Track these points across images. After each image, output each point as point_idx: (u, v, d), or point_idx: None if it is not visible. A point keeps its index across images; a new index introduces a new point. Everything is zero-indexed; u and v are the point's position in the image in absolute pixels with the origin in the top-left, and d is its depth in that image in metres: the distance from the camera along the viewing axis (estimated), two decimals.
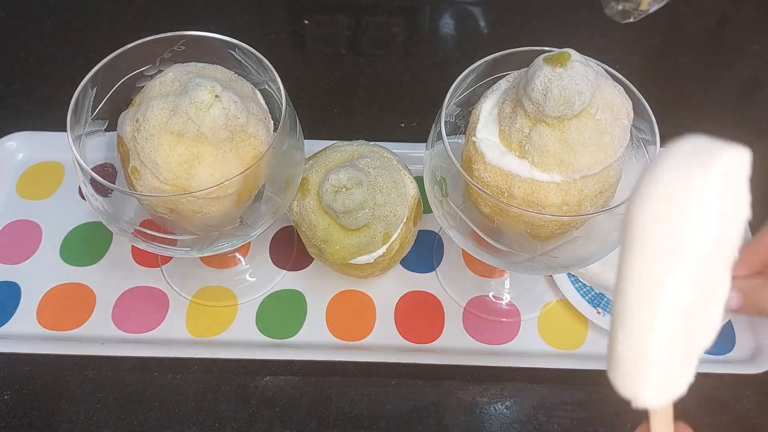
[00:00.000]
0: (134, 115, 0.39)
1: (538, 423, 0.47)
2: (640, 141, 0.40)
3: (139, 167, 0.39)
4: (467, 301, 0.52)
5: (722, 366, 0.48)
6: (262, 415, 0.46)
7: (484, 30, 0.72)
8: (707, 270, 0.22)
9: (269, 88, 0.44)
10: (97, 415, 0.46)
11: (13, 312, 0.51)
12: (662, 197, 0.21)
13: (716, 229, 0.22)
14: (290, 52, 0.70)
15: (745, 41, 0.72)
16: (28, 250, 0.54)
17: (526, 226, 0.38)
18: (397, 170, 0.47)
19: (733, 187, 0.22)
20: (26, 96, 0.65)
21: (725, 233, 0.22)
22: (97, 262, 0.53)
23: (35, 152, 0.59)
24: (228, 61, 0.43)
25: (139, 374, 0.48)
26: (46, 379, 0.48)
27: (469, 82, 0.41)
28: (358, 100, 0.66)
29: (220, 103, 0.37)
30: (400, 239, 0.46)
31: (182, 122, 0.37)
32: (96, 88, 0.41)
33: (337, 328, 0.50)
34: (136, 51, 0.42)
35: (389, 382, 0.48)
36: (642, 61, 0.69)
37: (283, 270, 0.53)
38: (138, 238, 0.42)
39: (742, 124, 0.65)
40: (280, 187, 0.43)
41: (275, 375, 0.48)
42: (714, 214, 0.21)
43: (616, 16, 0.72)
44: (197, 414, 0.46)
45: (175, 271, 0.53)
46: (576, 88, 0.34)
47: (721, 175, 0.21)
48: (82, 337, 0.49)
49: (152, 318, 0.51)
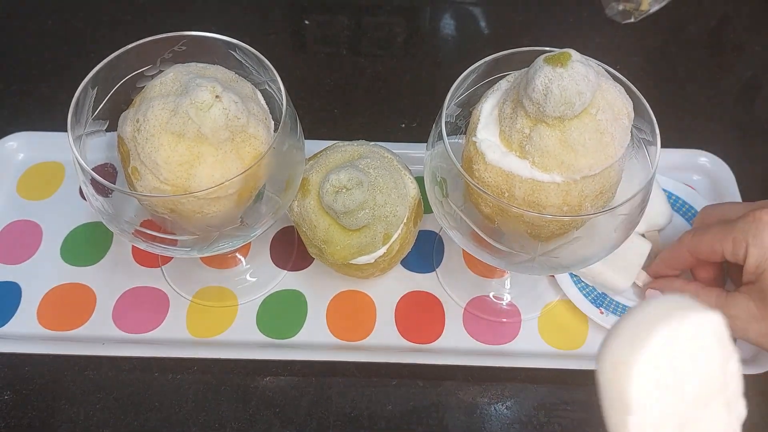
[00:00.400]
0: (135, 116, 0.39)
1: (539, 423, 0.47)
2: (641, 141, 0.40)
3: (139, 167, 0.39)
4: (468, 301, 0.52)
5: None
6: (263, 415, 0.46)
7: (485, 30, 0.72)
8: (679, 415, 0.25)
9: (270, 89, 0.44)
10: (97, 415, 0.46)
11: (13, 312, 0.51)
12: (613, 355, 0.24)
13: (678, 381, 0.24)
14: (291, 53, 0.70)
15: (745, 41, 0.72)
16: (28, 250, 0.54)
17: (526, 226, 0.38)
18: (397, 170, 0.47)
19: (695, 345, 0.24)
20: (27, 96, 0.65)
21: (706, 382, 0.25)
22: (97, 262, 0.53)
23: (36, 152, 0.59)
24: (228, 61, 0.43)
25: (139, 374, 0.48)
26: (46, 379, 0.48)
27: (470, 83, 0.41)
28: (359, 100, 0.66)
29: (221, 103, 0.37)
30: (401, 239, 0.46)
31: (183, 122, 0.37)
32: (96, 89, 0.41)
33: (337, 329, 0.50)
34: (137, 51, 0.42)
35: (389, 383, 0.48)
36: (642, 62, 0.69)
37: (284, 270, 0.53)
38: (138, 238, 0.42)
39: (742, 124, 0.65)
40: (280, 187, 0.43)
41: (275, 375, 0.48)
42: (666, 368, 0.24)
43: (616, 16, 0.72)
44: (197, 414, 0.46)
45: (175, 272, 0.53)
46: (576, 88, 0.34)
47: (672, 336, 0.24)
48: (83, 337, 0.49)
49: (152, 318, 0.51)
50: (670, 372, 0.24)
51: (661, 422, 0.24)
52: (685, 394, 0.25)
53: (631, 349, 0.23)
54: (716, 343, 0.25)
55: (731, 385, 0.26)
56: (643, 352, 0.23)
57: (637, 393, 0.23)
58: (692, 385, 0.25)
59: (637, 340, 0.23)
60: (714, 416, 0.26)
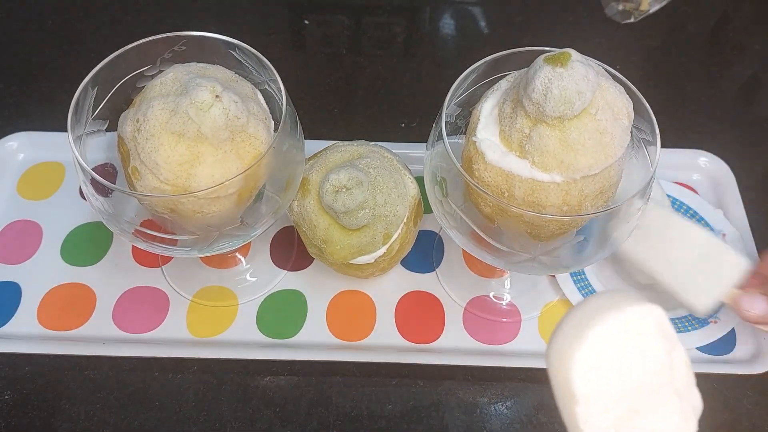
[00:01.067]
0: (135, 115, 0.39)
1: (539, 423, 0.47)
2: (641, 141, 0.40)
3: (139, 167, 0.39)
4: (468, 301, 0.52)
5: (722, 366, 0.48)
6: (263, 415, 0.46)
7: (485, 30, 0.72)
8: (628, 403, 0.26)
9: (270, 88, 0.44)
10: (97, 415, 0.46)
11: (13, 312, 0.51)
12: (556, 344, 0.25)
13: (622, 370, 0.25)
14: (291, 53, 0.70)
15: (745, 41, 0.72)
16: (28, 250, 0.54)
17: (526, 226, 0.38)
18: (397, 170, 0.47)
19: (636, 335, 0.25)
20: (27, 96, 0.65)
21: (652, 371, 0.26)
22: (97, 262, 0.53)
23: (36, 152, 0.59)
24: (228, 61, 0.43)
25: (139, 374, 0.48)
26: (46, 379, 0.48)
27: (470, 83, 0.41)
28: (359, 100, 0.66)
29: (221, 103, 0.37)
30: (401, 239, 0.46)
31: (183, 122, 0.37)
32: (97, 88, 0.41)
33: (337, 328, 0.50)
34: (137, 51, 0.42)
35: (390, 382, 0.48)
36: (642, 61, 0.69)
37: (284, 270, 0.53)
38: (138, 238, 0.42)
39: (742, 124, 0.65)
40: (280, 187, 0.43)
41: (276, 375, 0.48)
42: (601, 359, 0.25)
43: (616, 16, 0.72)
44: (198, 414, 0.46)
45: (175, 271, 0.53)
46: (576, 88, 0.34)
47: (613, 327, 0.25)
48: (83, 337, 0.49)
49: (153, 318, 0.51)
50: (614, 361, 0.25)
51: (609, 410, 0.25)
52: (631, 382, 0.25)
53: (574, 339, 0.24)
54: (658, 333, 0.26)
55: (679, 374, 0.27)
56: (585, 341, 0.24)
57: (582, 382, 0.24)
58: (637, 373, 0.25)
59: (579, 331, 0.25)
60: (665, 405, 0.26)
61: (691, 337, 0.49)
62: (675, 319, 0.50)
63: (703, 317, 0.50)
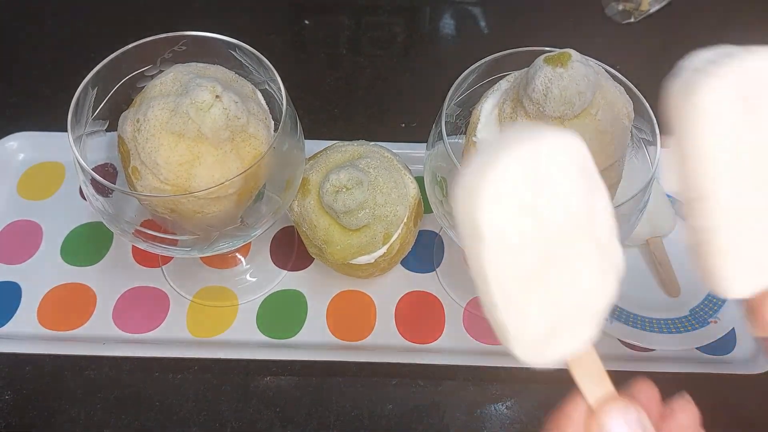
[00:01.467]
0: (135, 116, 0.39)
1: (539, 423, 0.47)
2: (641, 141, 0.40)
3: (139, 167, 0.39)
4: (468, 301, 0.52)
5: (722, 366, 0.48)
6: (263, 415, 0.46)
7: (485, 30, 0.72)
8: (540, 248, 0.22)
9: (270, 89, 0.44)
10: (97, 415, 0.46)
11: (13, 312, 0.51)
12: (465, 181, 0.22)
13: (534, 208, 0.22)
14: (291, 53, 0.70)
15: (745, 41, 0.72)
16: (28, 250, 0.54)
17: None
18: (397, 170, 0.47)
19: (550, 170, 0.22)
20: (27, 96, 0.65)
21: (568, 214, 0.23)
22: (97, 262, 0.53)
23: (36, 152, 0.59)
24: (229, 61, 0.43)
25: (139, 374, 0.48)
26: (46, 379, 0.48)
27: (470, 83, 0.41)
28: (359, 100, 0.66)
29: (221, 103, 0.37)
30: (401, 239, 0.46)
31: (183, 122, 0.37)
32: (97, 89, 0.41)
33: (337, 328, 0.50)
34: (137, 51, 0.42)
35: (390, 382, 0.48)
36: (642, 62, 0.69)
37: (284, 270, 0.53)
38: (139, 238, 0.42)
39: None
40: (280, 187, 0.44)
41: (276, 375, 0.48)
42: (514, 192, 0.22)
43: (616, 16, 0.72)
44: (198, 414, 0.46)
45: (175, 271, 0.53)
46: (576, 88, 0.34)
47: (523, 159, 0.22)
48: (83, 337, 0.49)
49: (153, 318, 0.51)
50: (527, 197, 0.22)
51: (518, 254, 0.22)
52: (546, 226, 0.22)
53: (481, 173, 0.21)
54: (577, 171, 0.23)
55: (601, 223, 0.24)
56: (494, 170, 0.21)
57: (489, 217, 0.21)
58: (553, 216, 0.22)
59: (488, 164, 0.21)
60: (583, 258, 0.24)
61: (691, 337, 0.49)
62: (675, 319, 0.50)
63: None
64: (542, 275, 0.23)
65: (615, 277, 0.25)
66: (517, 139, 0.22)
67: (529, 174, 0.22)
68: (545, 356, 0.25)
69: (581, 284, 0.24)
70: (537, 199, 0.22)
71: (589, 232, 0.23)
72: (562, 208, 0.22)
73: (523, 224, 0.22)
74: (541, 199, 0.22)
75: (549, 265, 0.23)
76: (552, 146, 0.22)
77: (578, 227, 0.23)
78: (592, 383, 0.26)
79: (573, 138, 0.23)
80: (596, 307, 0.25)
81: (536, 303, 0.23)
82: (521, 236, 0.22)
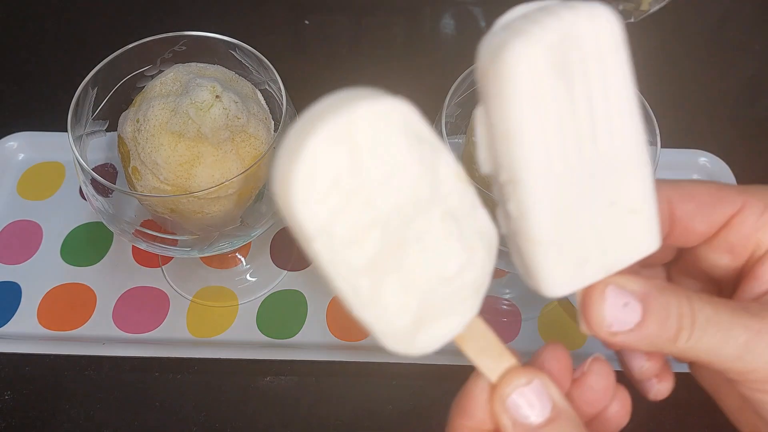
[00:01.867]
0: (135, 116, 0.39)
1: None
2: None
3: (139, 167, 0.39)
4: None
5: None
6: (263, 415, 0.46)
7: (485, 30, 0.72)
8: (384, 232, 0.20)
9: (270, 89, 0.44)
10: (97, 415, 0.46)
11: (13, 312, 0.51)
12: None
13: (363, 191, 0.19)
14: (291, 53, 0.70)
15: (745, 41, 0.72)
16: (28, 250, 0.54)
17: None
18: None
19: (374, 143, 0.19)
20: (27, 96, 0.65)
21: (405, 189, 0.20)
22: (97, 262, 0.53)
23: (36, 152, 0.59)
24: (229, 61, 0.43)
25: (139, 374, 0.48)
26: (46, 379, 0.48)
27: (470, 83, 0.41)
28: None
29: (221, 103, 0.37)
30: None
31: (183, 122, 0.37)
32: (97, 89, 0.41)
33: (337, 329, 0.50)
34: (137, 51, 0.42)
35: (390, 383, 0.48)
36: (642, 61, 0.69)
37: (284, 270, 0.53)
38: (139, 238, 0.42)
39: (742, 124, 0.65)
40: None
41: (275, 375, 0.48)
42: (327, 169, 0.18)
43: None
44: (198, 414, 0.46)
45: (175, 271, 0.53)
46: None
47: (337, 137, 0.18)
48: (83, 337, 0.49)
49: (153, 318, 0.51)
50: (345, 182, 0.18)
51: (359, 242, 0.19)
52: (382, 205, 0.19)
53: (289, 163, 0.18)
54: (404, 138, 0.19)
55: (450, 191, 0.21)
56: (301, 164, 0.18)
57: (309, 216, 0.19)
58: (381, 194, 0.19)
59: (295, 151, 0.18)
60: (436, 231, 0.21)
61: None
62: None
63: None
64: (390, 261, 0.20)
65: (486, 248, 0.22)
66: (326, 113, 0.18)
67: (345, 153, 0.18)
68: (420, 344, 0.23)
69: (441, 263, 0.21)
70: (360, 181, 0.19)
71: (436, 204, 0.20)
72: (394, 185, 0.19)
73: (351, 212, 0.19)
74: (364, 180, 0.19)
75: (397, 248, 0.20)
76: (369, 115, 0.19)
77: (419, 201, 0.20)
78: (488, 358, 0.24)
79: (394, 101, 0.19)
80: (469, 282, 0.22)
81: (391, 292, 0.21)
82: (351, 226, 0.19)
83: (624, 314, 0.23)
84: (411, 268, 0.21)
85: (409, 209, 0.20)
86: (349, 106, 0.18)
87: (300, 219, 0.19)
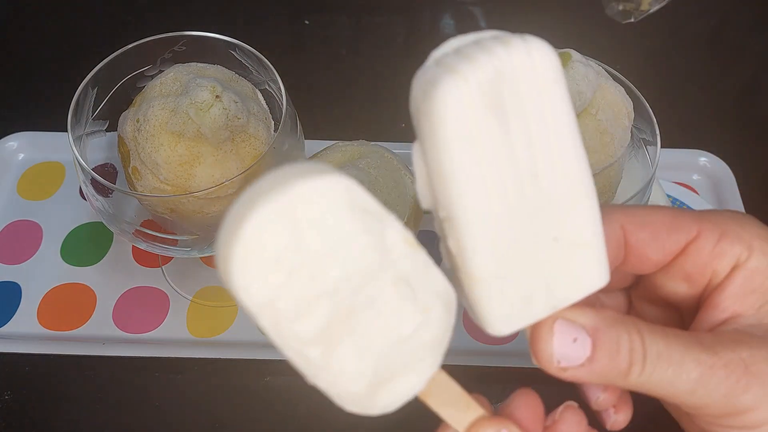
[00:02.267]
0: (135, 116, 0.39)
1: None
2: (641, 141, 0.40)
3: (139, 167, 0.39)
4: None
5: None
6: (263, 415, 0.46)
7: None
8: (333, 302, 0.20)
9: (270, 88, 0.44)
10: (97, 415, 0.46)
11: (13, 312, 0.51)
12: None
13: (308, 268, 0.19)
14: (291, 53, 0.70)
15: (745, 42, 0.72)
16: (28, 250, 0.54)
17: None
18: (397, 170, 0.47)
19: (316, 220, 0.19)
20: (27, 96, 0.65)
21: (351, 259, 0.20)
22: (97, 262, 0.53)
23: (36, 152, 0.59)
24: (228, 61, 0.43)
25: (139, 375, 0.48)
26: (46, 379, 0.48)
27: None
28: (358, 100, 0.66)
29: (221, 103, 0.37)
30: None
31: (183, 122, 0.37)
32: (97, 89, 0.41)
33: None
34: (137, 51, 0.42)
35: None
36: (642, 61, 0.69)
37: None
38: (139, 238, 0.42)
39: (742, 124, 0.65)
40: None
41: (276, 375, 0.48)
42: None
43: (616, 16, 0.72)
44: (198, 414, 0.46)
45: (175, 271, 0.53)
46: (576, 88, 0.34)
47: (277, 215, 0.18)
48: (83, 337, 0.49)
49: (153, 318, 0.51)
50: (288, 260, 0.19)
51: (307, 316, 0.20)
52: (330, 276, 0.19)
53: (228, 244, 0.18)
54: (346, 212, 0.19)
55: (400, 256, 0.21)
56: (241, 246, 0.18)
57: (252, 297, 0.19)
58: (334, 263, 0.19)
59: (234, 233, 0.18)
60: (388, 297, 0.21)
61: None
62: None
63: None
64: (342, 328, 0.21)
65: (444, 305, 0.23)
66: (267, 191, 0.18)
67: (286, 230, 0.18)
68: (381, 404, 0.24)
69: (394, 325, 0.21)
70: (303, 256, 0.19)
71: (386, 270, 0.21)
72: (340, 256, 0.20)
73: (295, 287, 0.19)
74: (307, 255, 0.19)
75: (348, 316, 0.20)
76: (310, 193, 0.19)
77: (368, 269, 0.20)
78: (454, 410, 0.25)
79: (335, 177, 0.19)
80: (427, 341, 0.23)
81: (345, 358, 0.21)
82: (297, 300, 0.19)
83: (573, 350, 0.23)
84: (364, 333, 0.21)
85: (358, 278, 0.20)
86: (289, 183, 0.18)
87: (241, 298, 0.19)
